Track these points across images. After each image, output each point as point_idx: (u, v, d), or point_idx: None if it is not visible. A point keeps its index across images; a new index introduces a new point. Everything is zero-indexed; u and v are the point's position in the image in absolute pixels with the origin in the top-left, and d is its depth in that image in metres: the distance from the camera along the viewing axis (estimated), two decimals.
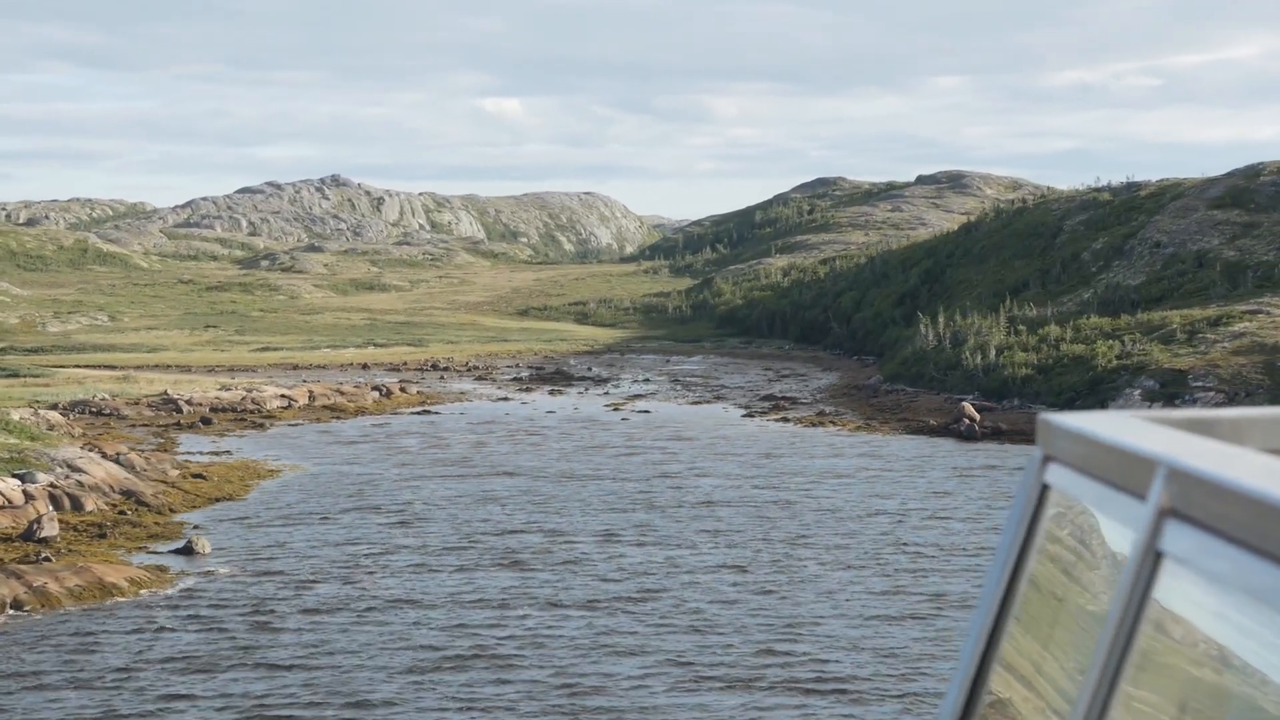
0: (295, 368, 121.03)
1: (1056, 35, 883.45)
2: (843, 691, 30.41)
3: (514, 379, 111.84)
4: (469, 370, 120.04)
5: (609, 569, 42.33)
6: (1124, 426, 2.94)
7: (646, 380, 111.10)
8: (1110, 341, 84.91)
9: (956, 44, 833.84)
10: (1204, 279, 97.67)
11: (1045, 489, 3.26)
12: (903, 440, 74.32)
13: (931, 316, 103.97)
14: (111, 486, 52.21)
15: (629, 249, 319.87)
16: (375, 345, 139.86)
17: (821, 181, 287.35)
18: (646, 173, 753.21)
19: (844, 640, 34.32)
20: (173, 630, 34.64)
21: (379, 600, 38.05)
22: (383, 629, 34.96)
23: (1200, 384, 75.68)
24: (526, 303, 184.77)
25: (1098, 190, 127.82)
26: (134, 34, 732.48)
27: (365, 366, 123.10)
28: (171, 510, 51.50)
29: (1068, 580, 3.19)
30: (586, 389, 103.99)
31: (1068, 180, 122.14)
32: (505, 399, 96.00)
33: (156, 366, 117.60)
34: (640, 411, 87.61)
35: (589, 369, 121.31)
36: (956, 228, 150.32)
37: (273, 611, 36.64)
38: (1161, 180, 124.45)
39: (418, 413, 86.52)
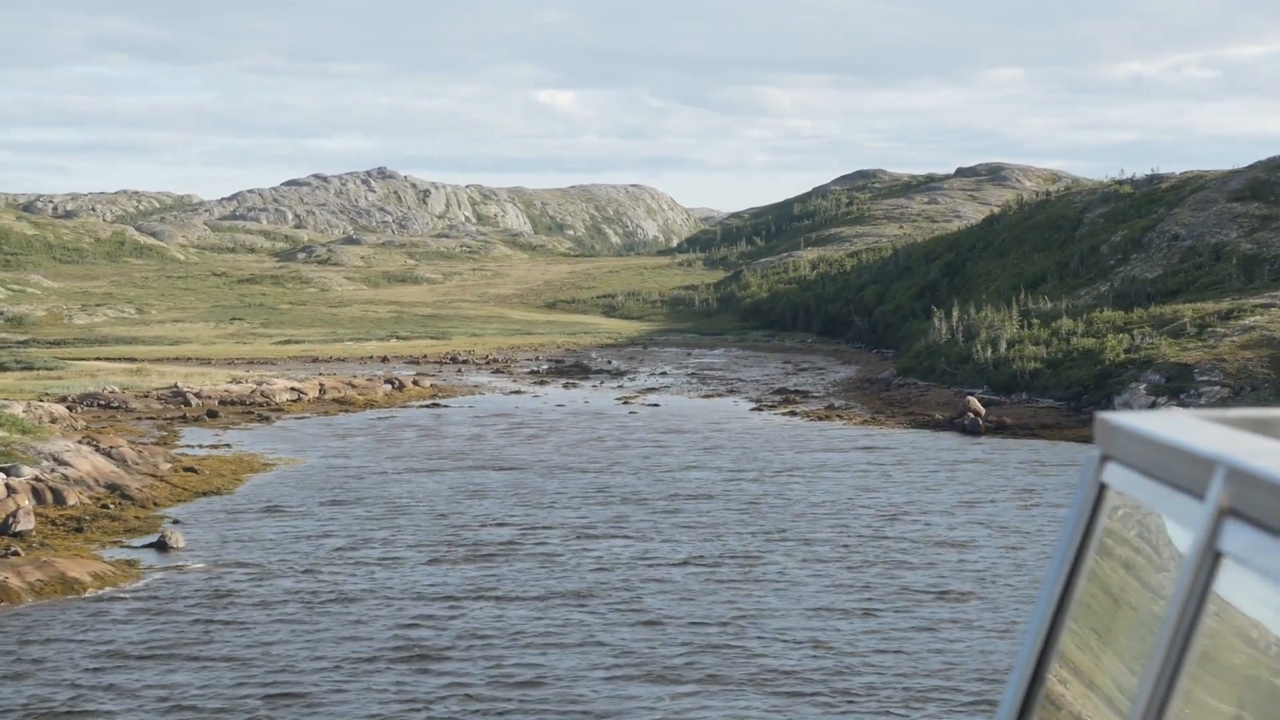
0: (315, 360, 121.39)
1: (1113, 27, 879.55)
2: (772, 684, 30.49)
3: (531, 372, 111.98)
4: (488, 363, 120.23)
5: (575, 562, 42.42)
6: (1183, 426, 2.99)
7: (664, 373, 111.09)
8: (1120, 335, 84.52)
9: (1013, 35, 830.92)
10: (1220, 272, 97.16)
11: (1103, 488, 3.31)
12: (905, 434, 74.19)
13: (945, 310, 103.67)
14: (97, 480, 52.45)
15: (675, 242, 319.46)
16: (398, 338, 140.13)
17: (861, 174, 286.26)
18: (702, 165, 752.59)
19: (790, 634, 34.35)
20: (122, 624, 34.83)
21: (337, 593, 38.22)
22: (332, 623, 35.13)
23: (1205, 378, 75.29)
24: (556, 296, 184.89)
25: (1120, 183, 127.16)
26: (193, 26, 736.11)
27: (385, 359, 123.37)
28: (156, 504, 51.69)
29: (1125, 579, 3.23)
30: (602, 382, 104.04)
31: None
32: (518, 392, 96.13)
33: (177, 359, 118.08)
34: (650, 405, 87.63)
35: (609, 362, 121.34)
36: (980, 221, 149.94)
37: (227, 605, 36.82)
38: (1185, 173, 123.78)
39: (426, 406, 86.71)
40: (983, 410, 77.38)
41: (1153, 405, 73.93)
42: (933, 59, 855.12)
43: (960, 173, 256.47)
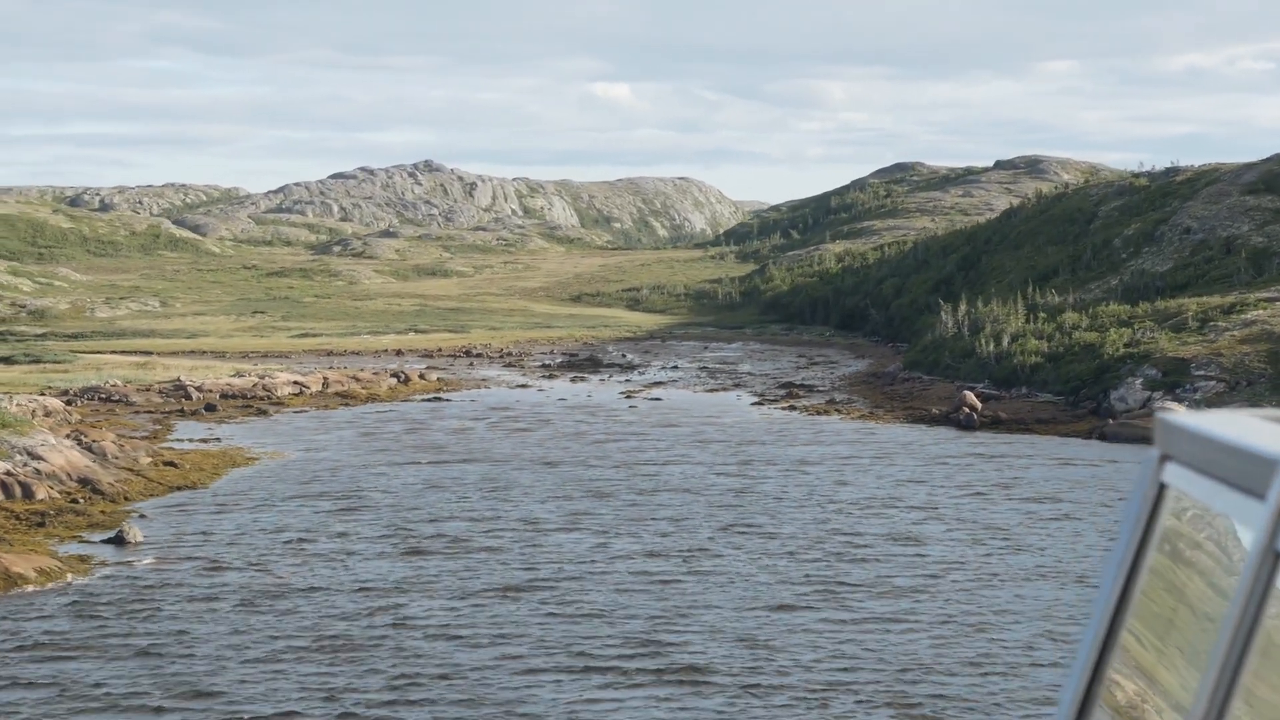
0: (329, 354, 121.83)
1: (1169, 19, 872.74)
2: (682, 678, 30.66)
3: (543, 365, 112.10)
4: (502, 357, 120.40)
5: (522, 556, 42.59)
6: (1243, 427, 3.07)
7: (675, 367, 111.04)
8: (1122, 329, 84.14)
9: (1068, 28, 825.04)
10: (1229, 266, 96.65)
11: (1163, 488, 3.39)
12: (898, 429, 74.08)
13: (952, 303, 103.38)
14: (69, 474, 52.72)
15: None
16: (416, 331, 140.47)
17: (899, 166, 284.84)
18: (756, 158, 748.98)
19: (717, 628, 34.51)
20: (48, 618, 35.12)
21: (278, 587, 38.47)
22: (261, 615, 35.41)
23: (1202, 373, 74.91)
24: (582, 289, 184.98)
25: (1137, 176, 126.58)
26: (250, 19, 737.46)
27: (399, 353, 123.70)
28: (127, 498, 51.97)
29: (1185, 578, 3.28)
30: (610, 376, 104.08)
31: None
32: (524, 386, 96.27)
33: (192, 352, 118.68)
34: (652, 399, 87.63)
35: (624, 356, 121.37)
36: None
37: (163, 599, 37.09)
38: (1203, 165, 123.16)
39: (428, 400, 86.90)
40: (979, 405, 77.14)
41: (1148, 400, 73.61)
42: (987, 51, 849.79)
43: (999, 165, 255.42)
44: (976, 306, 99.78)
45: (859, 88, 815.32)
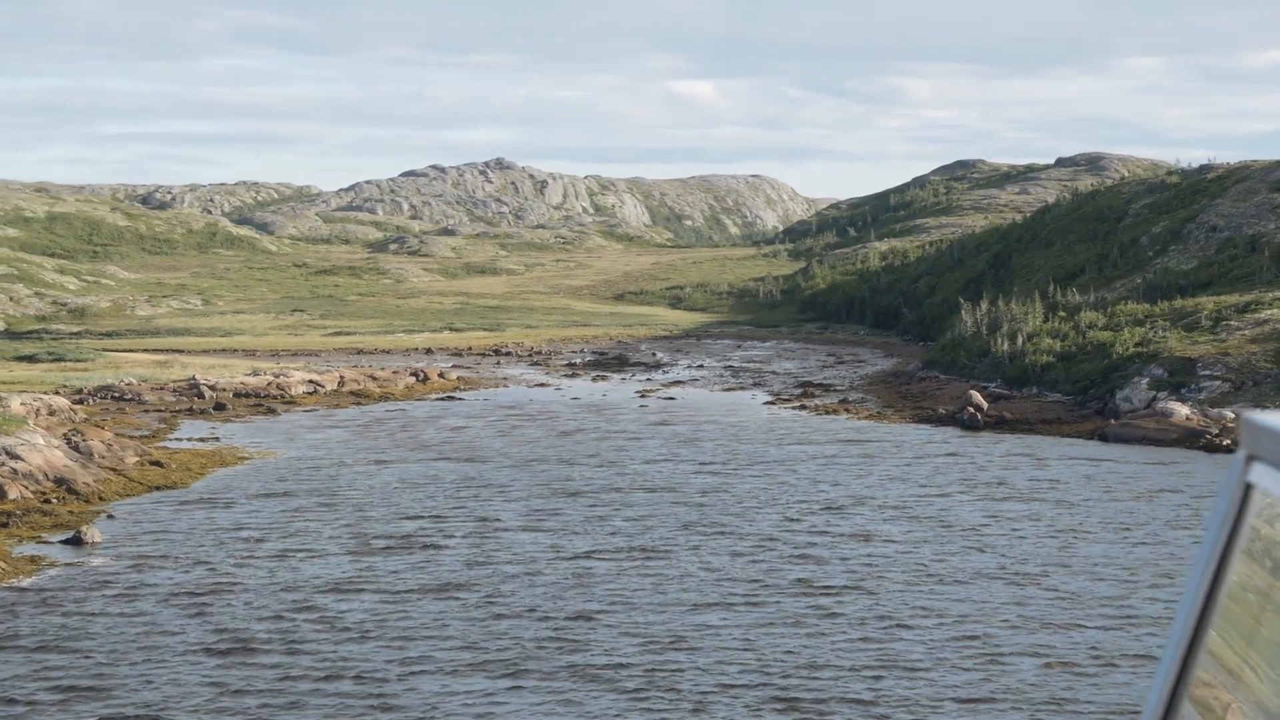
0: (360, 352, 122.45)
1: (1251, 15, 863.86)
2: (593, 677, 30.92)
3: (569, 364, 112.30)
4: (530, 356, 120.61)
5: (472, 556, 42.97)
6: None
7: (700, 366, 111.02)
8: (1136, 329, 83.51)
9: (1151, 24, 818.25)
10: (1253, 264, 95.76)
11: (1249, 489, 3.36)
12: (902, 429, 73.87)
13: (972, 302, 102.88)
14: (46, 474, 53.17)
15: None
16: (451, 330, 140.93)
17: (961, 164, 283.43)
18: (838, 155, 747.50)
19: (644, 628, 34.83)
20: None
21: (217, 587, 38.93)
22: (190, 615, 35.93)
23: (1208, 372, 74.33)
24: (627, 287, 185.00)
25: (1170, 173, 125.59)
26: (333, 18, 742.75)
27: (429, 351, 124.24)
28: (101, 498, 52.38)
29: (1273, 579, 3.27)
30: (633, 375, 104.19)
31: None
32: (543, 385, 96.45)
33: (224, 350, 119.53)
34: (665, 399, 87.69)
35: (654, 354, 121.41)
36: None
37: (96, 599, 37.54)
38: (1236, 163, 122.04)
39: (441, 399, 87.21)
40: (985, 405, 76.76)
41: (1153, 400, 73.03)
42: (1071, 48, 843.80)
43: (1059, 163, 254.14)
44: (997, 305, 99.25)
45: (943, 85, 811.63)
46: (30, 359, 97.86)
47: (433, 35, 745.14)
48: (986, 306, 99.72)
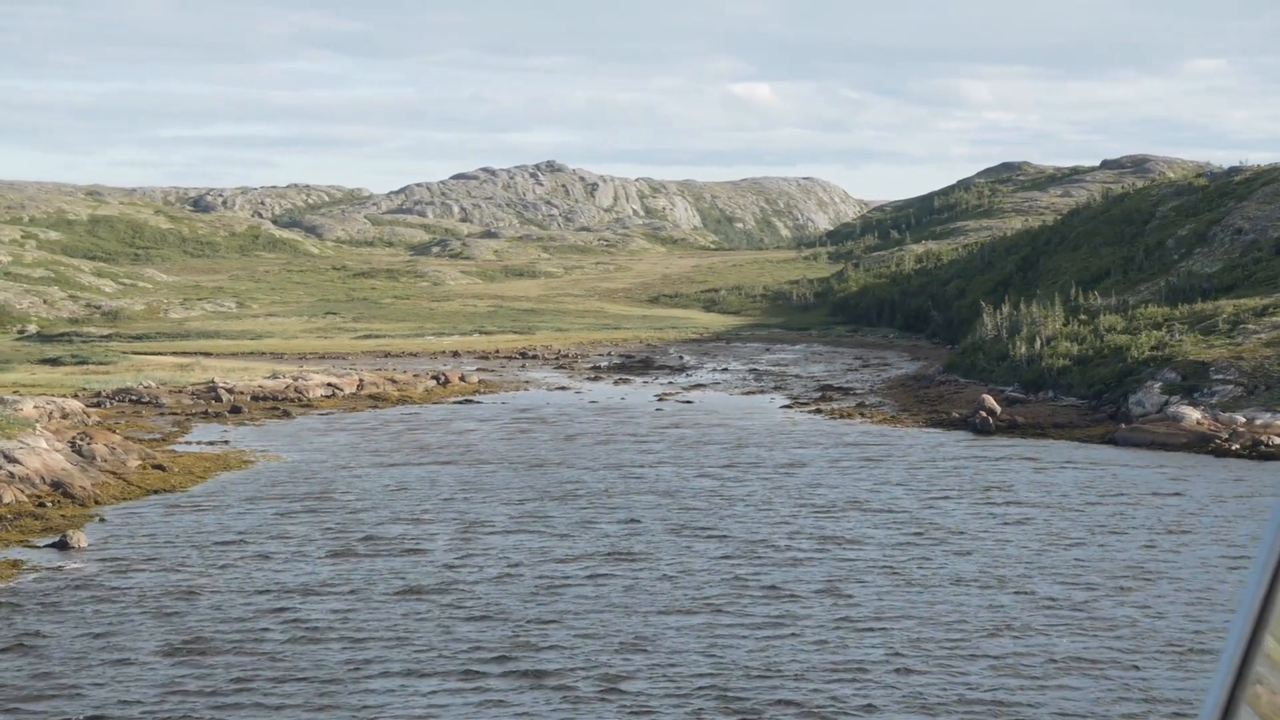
0: (387, 355, 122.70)
1: None
2: (545, 679, 31.13)
3: (593, 367, 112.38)
4: (557, 358, 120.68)
5: (450, 559, 43.32)
6: None
7: (724, 370, 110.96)
8: (1153, 332, 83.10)
9: (1215, 26, 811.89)
10: (1276, 267, 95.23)
11: None
12: (912, 433, 73.75)
13: (993, 305, 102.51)
14: (43, 478, 53.54)
15: None
16: (481, 333, 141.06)
17: (1006, 166, 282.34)
18: (897, 157, 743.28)
19: (607, 632, 34.96)
20: None
21: (192, 590, 39.31)
22: (155, 619, 36.33)
23: (1220, 376, 73.92)
24: (662, 290, 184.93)
25: (1200, 175, 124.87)
26: (393, 21, 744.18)
27: (455, 354, 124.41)
28: (96, 502, 52.69)
29: None
30: (656, 378, 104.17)
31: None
32: (563, 388, 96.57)
33: (250, 354, 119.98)
34: (683, 402, 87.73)
35: (680, 358, 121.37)
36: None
37: (64, 602, 37.88)
38: (1266, 164, 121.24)
39: (459, 402, 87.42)
40: (998, 409, 76.52)
41: (1165, 404, 72.66)
42: (1133, 50, 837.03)
43: (1105, 165, 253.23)
44: (1019, 309, 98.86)
45: (1003, 87, 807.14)
46: (54, 362, 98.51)
47: (492, 38, 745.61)
48: (1008, 310, 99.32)
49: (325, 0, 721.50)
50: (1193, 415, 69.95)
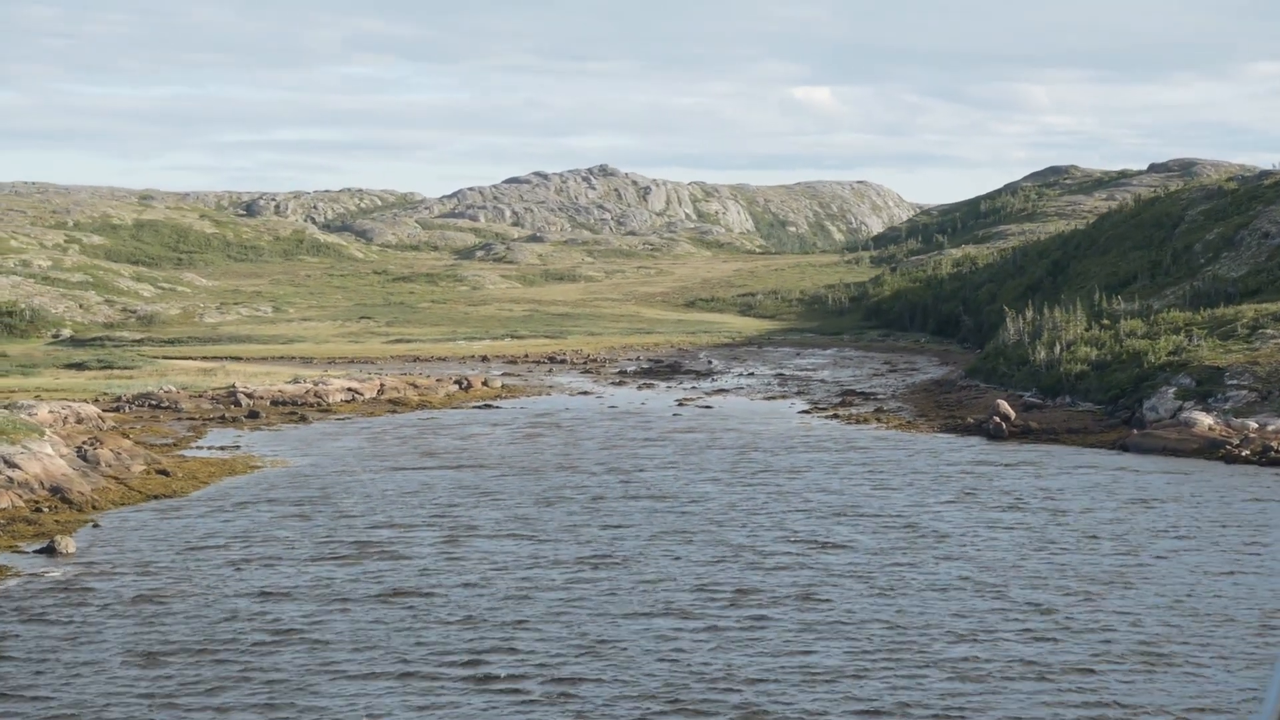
0: (416, 359, 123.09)
1: None
2: (499, 687, 31.15)
3: (619, 372, 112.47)
4: (584, 363, 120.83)
5: (430, 563, 43.57)
6: None
7: (750, 374, 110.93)
8: (1172, 337, 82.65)
9: (1275, 29, 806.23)
10: None
11: None
12: (925, 438, 73.60)
13: (1016, 310, 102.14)
14: (42, 483, 53.86)
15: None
16: (513, 337, 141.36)
17: (1053, 170, 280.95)
18: (956, 161, 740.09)
19: (573, 636, 35.25)
20: None
21: (172, 593, 39.64)
22: (124, 624, 36.67)
23: (1235, 382, 73.53)
24: (699, 294, 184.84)
25: (1230, 179, 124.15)
26: (451, 25, 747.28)
27: (485, 359, 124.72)
28: (94, 508, 52.93)
29: None
30: (680, 383, 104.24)
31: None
32: (585, 393, 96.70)
33: (280, 358, 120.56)
34: (702, 407, 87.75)
35: (709, 362, 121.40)
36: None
37: (45, 609, 38.21)
38: None
39: (478, 407, 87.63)
40: (1012, 414, 76.24)
41: (1178, 410, 72.26)
42: (1192, 53, 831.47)
43: (1152, 169, 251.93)
44: (1042, 313, 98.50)
45: (1062, 90, 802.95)
46: (79, 366, 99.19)
47: (550, 42, 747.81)
48: (1031, 314, 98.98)
49: (382, 5, 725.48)
50: (1204, 421, 69.60)
